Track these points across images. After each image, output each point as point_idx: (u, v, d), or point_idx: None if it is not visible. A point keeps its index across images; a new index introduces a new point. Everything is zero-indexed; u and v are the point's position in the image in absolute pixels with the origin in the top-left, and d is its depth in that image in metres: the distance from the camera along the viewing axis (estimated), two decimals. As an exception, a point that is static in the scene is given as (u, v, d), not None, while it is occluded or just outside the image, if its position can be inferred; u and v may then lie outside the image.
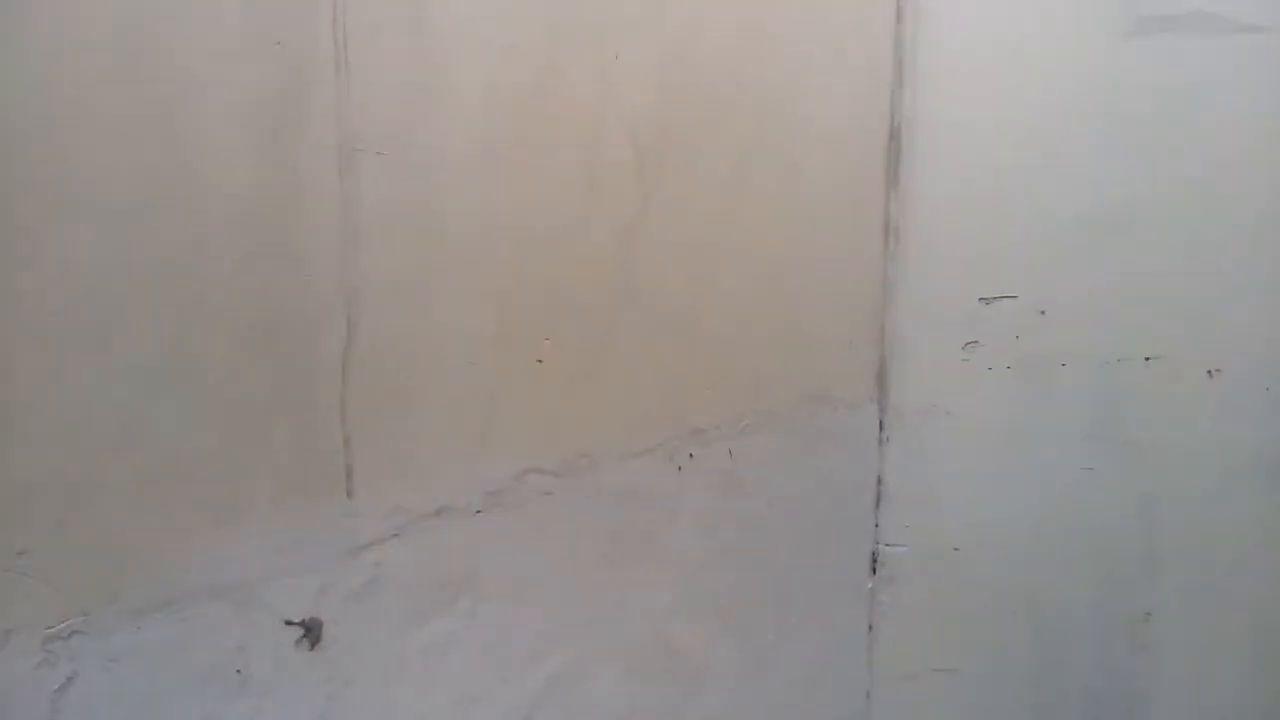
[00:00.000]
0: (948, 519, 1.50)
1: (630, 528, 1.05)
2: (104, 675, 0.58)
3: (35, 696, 0.54)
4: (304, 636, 0.72)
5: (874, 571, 1.53)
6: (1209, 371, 1.36)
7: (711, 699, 1.22)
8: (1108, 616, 1.42)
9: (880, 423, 1.52)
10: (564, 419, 0.95)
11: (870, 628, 1.53)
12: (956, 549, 1.49)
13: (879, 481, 1.52)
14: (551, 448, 0.94)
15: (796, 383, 1.34)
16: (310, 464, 0.71)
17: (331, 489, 0.73)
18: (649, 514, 1.08)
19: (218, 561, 0.65)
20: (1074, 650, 1.44)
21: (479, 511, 0.87)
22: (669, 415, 1.10)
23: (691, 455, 1.13)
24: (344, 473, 0.74)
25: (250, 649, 0.68)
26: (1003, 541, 1.46)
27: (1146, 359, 1.36)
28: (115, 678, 0.58)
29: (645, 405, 1.06)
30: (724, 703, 1.24)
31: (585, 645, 0.99)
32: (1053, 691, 1.46)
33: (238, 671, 0.67)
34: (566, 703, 0.97)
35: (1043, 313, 1.42)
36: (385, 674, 0.79)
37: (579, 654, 0.99)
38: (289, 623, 0.71)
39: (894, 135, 1.42)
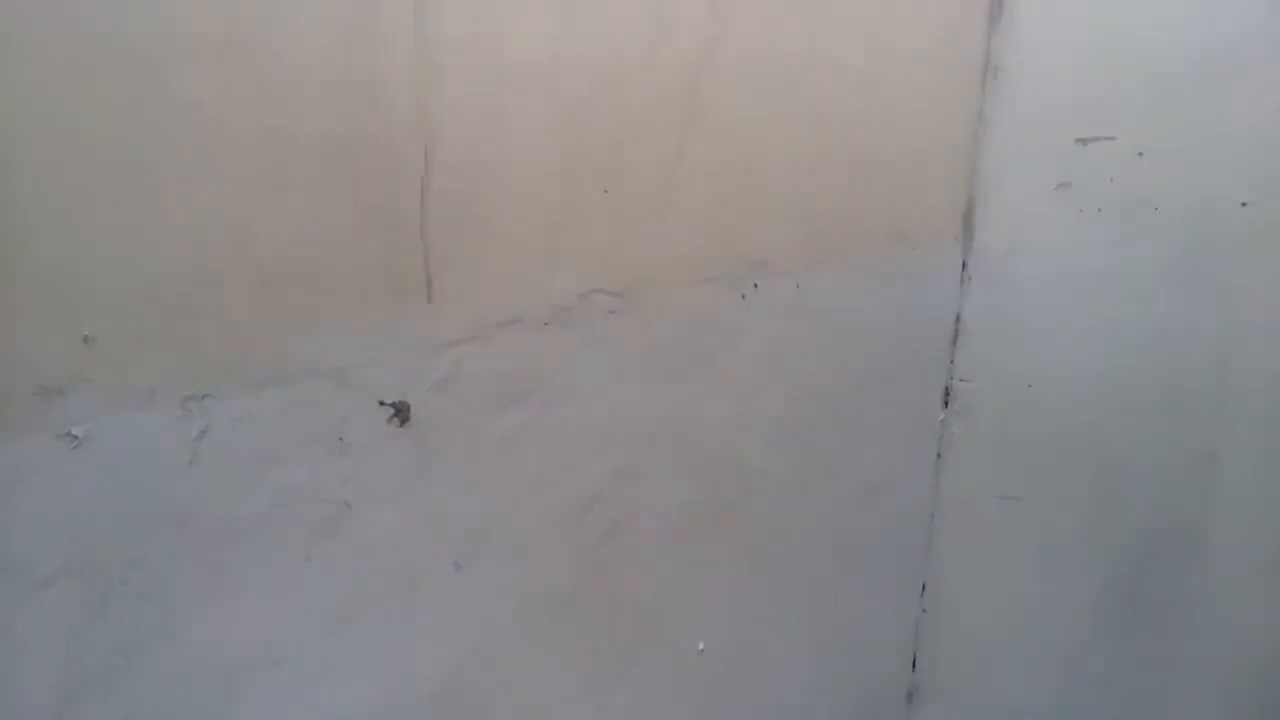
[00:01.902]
0: (1023, 357, 1.53)
1: (692, 349, 1.14)
2: (231, 431, 0.73)
3: (178, 442, 0.70)
4: (395, 415, 0.87)
5: (946, 405, 1.59)
6: (1304, 219, 1.32)
7: (773, 504, 1.34)
8: (1173, 456, 1.45)
9: (964, 263, 1.54)
10: (628, 245, 1.04)
11: (938, 456, 1.61)
12: (1030, 385, 1.53)
13: (957, 319, 1.56)
14: (616, 271, 1.03)
15: (874, 220, 1.37)
16: (394, 272, 0.83)
17: (414, 294, 0.85)
18: (711, 338, 1.17)
19: (319, 349, 0.79)
20: (1136, 486, 1.48)
21: (547, 324, 0.98)
22: (736, 246, 1.17)
23: (757, 286, 1.20)
24: (424, 281, 0.86)
25: (350, 422, 0.83)
26: (1076, 380, 1.49)
27: (1243, 204, 1.32)
28: (240, 434, 0.74)
29: (712, 235, 1.13)
30: (785, 510, 1.36)
31: (646, 448, 1.12)
32: (1112, 525, 1.52)
33: (340, 439, 0.82)
34: (628, 494, 1.11)
35: (1140, 155, 1.39)
36: (465, 454, 0.93)
37: (641, 455, 1.11)
38: (382, 403, 0.85)
39: (998, -31, 1.38)
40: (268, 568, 0.77)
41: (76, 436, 0.64)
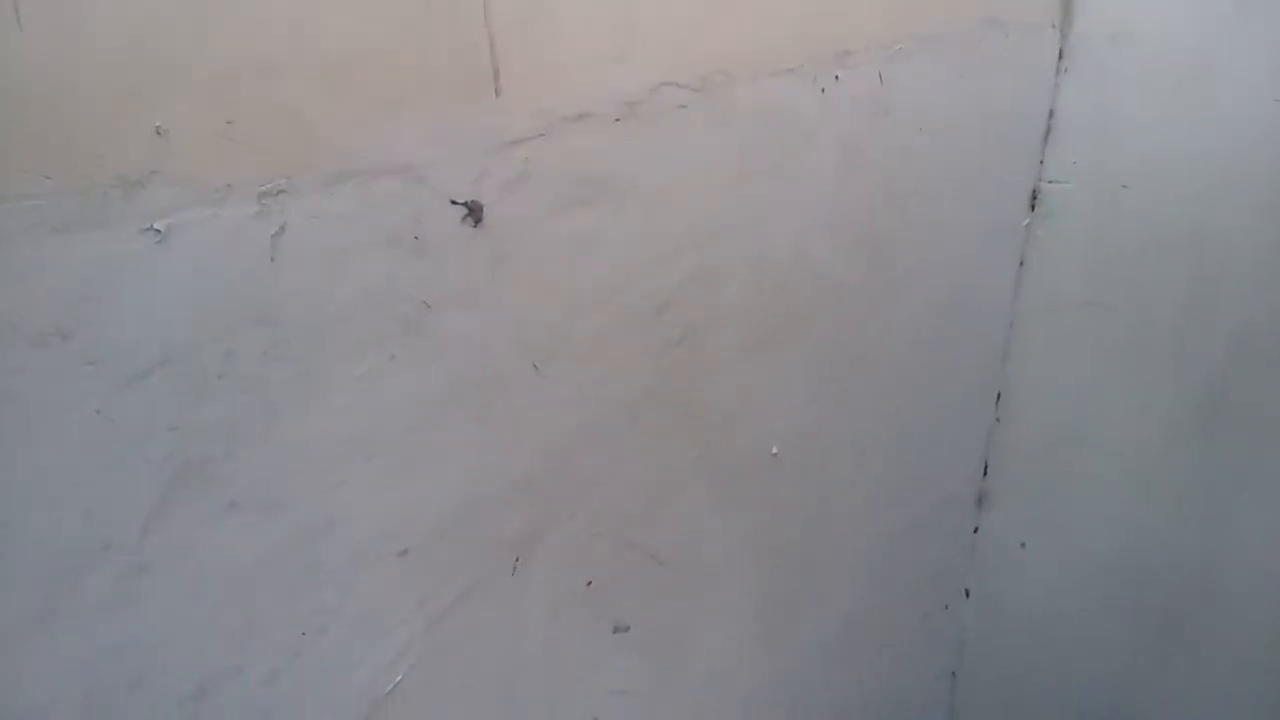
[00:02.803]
0: (1120, 155, 1.44)
1: (767, 146, 1.10)
2: (308, 228, 0.73)
3: (257, 238, 0.70)
4: (468, 215, 0.85)
5: (1032, 208, 1.52)
6: None
7: (848, 310, 1.32)
8: (1272, 265, 1.37)
9: (1060, 51, 1.43)
10: (702, 34, 0.98)
11: (1021, 262, 1.56)
12: (1124, 186, 1.45)
13: (1050, 115, 1.46)
14: (687, 63, 0.98)
15: (965, 4, 1.27)
16: (460, 63, 0.79)
17: (481, 88, 0.82)
18: (789, 134, 1.12)
19: (387, 144, 0.77)
20: (1229, 295, 1.42)
21: (618, 120, 0.94)
22: (817, 34, 1.10)
23: (837, 78, 1.13)
24: (491, 73, 0.82)
25: (423, 222, 0.82)
26: (1174, 180, 1.40)
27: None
28: (317, 231, 0.74)
29: (788, 23, 1.06)
30: (860, 316, 1.34)
31: (720, 251, 1.10)
32: (1201, 334, 1.47)
33: (415, 239, 0.81)
34: (702, 298, 1.09)
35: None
36: (539, 255, 0.92)
37: (714, 258, 1.09)
38: (454, 202, 0.84)
39: None
40: (353, 365, 0.79)
41: (159, 231, 0.64)
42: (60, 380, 0.61)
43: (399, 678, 0.89)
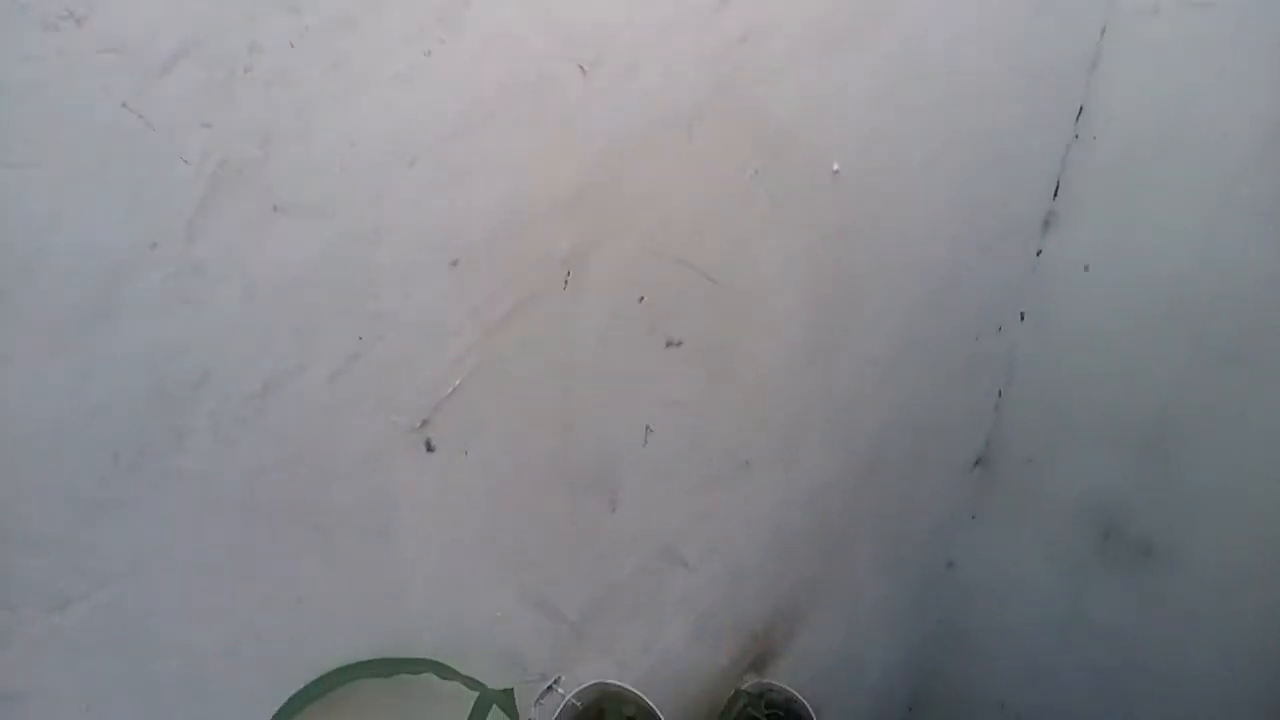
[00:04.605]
0: None
1: None
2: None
3: None
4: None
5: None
6: None
7: (917, 18, 1.20)
8: None
9: None
10: None
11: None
12: None
13: None
14: None
15: None
16: None
17: None
18: None
19: None
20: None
21: None
22: None
23: None
24: None
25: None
26: None
27: None
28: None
29: None
30: (931, 25, 1.23)
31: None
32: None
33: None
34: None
35: None
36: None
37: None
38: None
39: None
40: (388, 62, 0.74)
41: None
42: (79, 70, 0.57)
43: (457, 382, 0.91)
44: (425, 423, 0.90)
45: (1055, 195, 1.66)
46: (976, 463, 2.02)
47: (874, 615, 1.96)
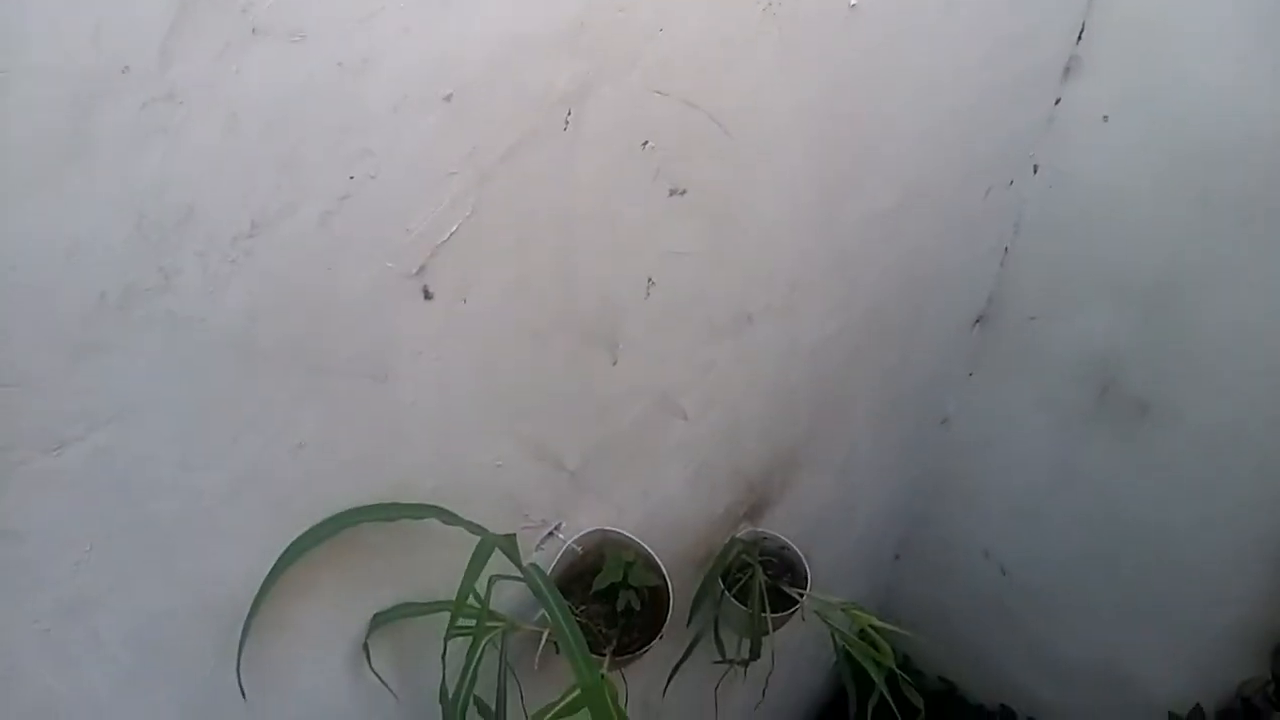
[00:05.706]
0: None
1: None
2: None
3: None
4: None
5: None
6: None
7: None
8: None
9: None
10: None
11: None
12: None
13: None
14: None
15: None
16: None
17: None
18: None
19: None
20: None
21: None
22: None
23: None
24: None
25: None
26: None
27: None
28: None
29: None
30: None
31: None
32: None
33: None
34: None
35: None
36: None
37: None
38: None
39: None
40: None
41: None
42: None
43: (454, 228, 0.88)
44: (422, 269, 0.87)
45: (1079, 39, 1.58)
46: (978, 320, 2.01)
47: (867, 468, 1.99)
